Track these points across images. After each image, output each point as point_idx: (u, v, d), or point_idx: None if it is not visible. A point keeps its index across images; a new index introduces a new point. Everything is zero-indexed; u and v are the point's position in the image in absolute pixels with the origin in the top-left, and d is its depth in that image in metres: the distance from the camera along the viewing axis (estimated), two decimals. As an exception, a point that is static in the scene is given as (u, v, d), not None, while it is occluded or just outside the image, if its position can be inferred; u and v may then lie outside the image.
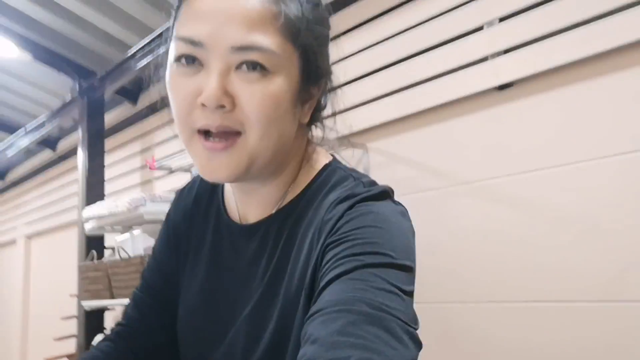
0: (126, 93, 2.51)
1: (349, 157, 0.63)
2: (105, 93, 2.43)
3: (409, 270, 0.41)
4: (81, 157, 2.41)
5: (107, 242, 2.31)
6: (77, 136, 2.47)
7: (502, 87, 1.26)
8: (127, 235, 1.86)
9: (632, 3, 1.04)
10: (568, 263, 1.12)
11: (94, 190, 2.35)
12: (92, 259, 1.96)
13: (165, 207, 1.75)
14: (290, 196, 0.52)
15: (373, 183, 0.49)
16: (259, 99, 0.43)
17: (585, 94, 1.13)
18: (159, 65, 0.49)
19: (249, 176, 0.47)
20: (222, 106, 0.43)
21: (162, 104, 0.50)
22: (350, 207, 0.45)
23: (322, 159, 0.54)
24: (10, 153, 3.17)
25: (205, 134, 0.45)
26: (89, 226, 2.00)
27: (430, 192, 1.38)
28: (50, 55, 2.31)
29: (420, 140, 1.42)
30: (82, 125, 2.43)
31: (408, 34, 1.43)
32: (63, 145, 3.25)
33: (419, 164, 1.42)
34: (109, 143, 2.58)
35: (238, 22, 0.42)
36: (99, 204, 1.92)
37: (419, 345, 0.35)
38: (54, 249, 3.31)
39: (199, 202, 0.59)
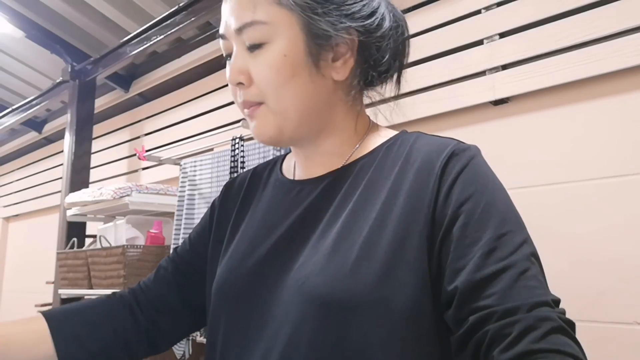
0: (118, 79, 2.47)
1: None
2: (98, 77, 2.39)
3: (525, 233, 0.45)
4: (68, 141, 2.36)
5: (89, 230, 2.27)
6: (64, 119, 2.43)
7: (497, 103, 1.27)
8: (110, 224, 1.82)
9: (633, 28, 1.06)
10: (549, 281, 1.13)
11: (79, 176, 2.31)
12: (72, 247, 1.92)
13: (151, 199, 1.75)
14: (360, 153, 0.54)
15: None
16: (262, 70, 0.49)
17: (579, 115, 1.15)
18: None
19: (292, 136, 0.52)
20: (240, 83, 0.50)
21: (153, 94, 0.52)
22: (467, 164, 0.48)
23: (393, 132, 0.57)
24: (-6, 132, 3.10)
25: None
26: (71, 212, 1.96)
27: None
28: (44, 35, 2.26)
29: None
30: (72, 109, 2.38)
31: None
32: (49, 128, 3.18)
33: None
34: (96, 129, 2.54)
35: (235, 9, 0.50)
36: (83, 190, 1.89)
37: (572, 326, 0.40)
38: (32, 233, 3.23)
39: (256, 180, 0.63)
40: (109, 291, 0.76)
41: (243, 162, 1.47)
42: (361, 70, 0.53)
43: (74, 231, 2.16)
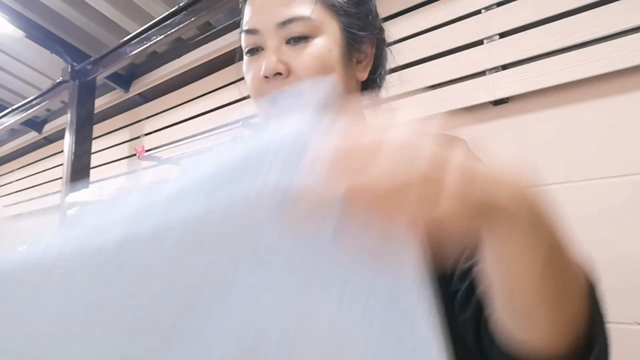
0: (118, 79, 2.47)
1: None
2: (98, 77, 2.39)
3: None
4: (68, 141, 2.36)
5: (89, 229, 2.26)
6: (64, 119, 2.42)
7: (497, 103, 1.27)
8: (109, 224, 1.82)
9: (633, 28, 1.06)
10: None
11: (79, 176, 2.31)
12: (71, 246, 1.92)
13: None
14: None
15: None
16: (306, 61, 0.51)
17: (579, 115, 1.15)
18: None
19: None
20: (279, 73, 0.51)
21: (153, 94, 0.51)
22: None
23: None
24: (-6, 132, 3.10)
25: None
26: (71, 212, 1.96)
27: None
28: (44, 35, 2.26)
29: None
30: (71, 109, 2.38)
31: (408, 43, 1.43)
32: (49, 128, 3.18)
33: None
34: (96, 129, 2.54)
35: (278, 3, 0.52)
36: (83, 190, 1.89)
37: None
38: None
39: None
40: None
41: (243, 162, 1.46)
42: (373, 73, 0.59)
43: (74, 231, 2.16)
